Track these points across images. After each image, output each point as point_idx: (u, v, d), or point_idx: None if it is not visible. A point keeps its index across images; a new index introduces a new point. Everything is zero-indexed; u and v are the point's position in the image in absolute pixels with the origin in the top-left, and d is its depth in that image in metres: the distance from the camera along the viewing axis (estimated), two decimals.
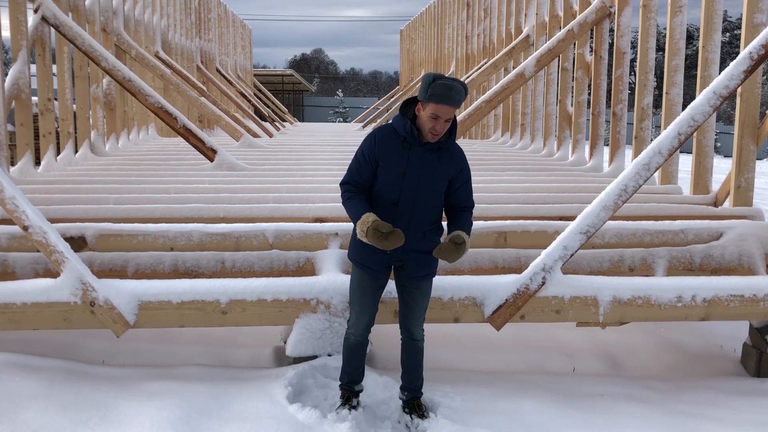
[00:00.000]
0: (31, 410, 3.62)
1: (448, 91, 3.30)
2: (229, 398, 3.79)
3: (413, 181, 3.48)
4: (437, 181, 3.52)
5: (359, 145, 3.62)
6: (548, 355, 4.90)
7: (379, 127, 3.62)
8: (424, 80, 3.37)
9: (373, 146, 3.52)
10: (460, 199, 3.62)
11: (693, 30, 38.62)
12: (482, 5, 15.10)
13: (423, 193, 3.51)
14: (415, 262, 3.59)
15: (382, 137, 3.53)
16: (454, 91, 3.31)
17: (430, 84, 3.32)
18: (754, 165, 6.54)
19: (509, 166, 9.22)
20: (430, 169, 3.49)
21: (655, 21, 8.14)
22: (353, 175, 3.60)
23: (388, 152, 3.49)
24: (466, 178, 3.61)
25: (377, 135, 3.55)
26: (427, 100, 3.35)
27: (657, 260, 5.03)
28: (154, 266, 4.90)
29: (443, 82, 3.32)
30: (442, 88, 3.30)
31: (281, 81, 44.19)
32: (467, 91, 3.41)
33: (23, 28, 7.80)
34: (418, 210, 3.53)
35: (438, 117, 3.35)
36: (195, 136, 8.41)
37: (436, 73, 3.39)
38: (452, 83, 3.32)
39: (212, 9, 20.17)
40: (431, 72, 3.57)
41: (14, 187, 4.22)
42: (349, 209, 3.55)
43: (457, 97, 3.34)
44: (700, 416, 3.76)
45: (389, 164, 3.49)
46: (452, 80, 3.35)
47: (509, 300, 4.11)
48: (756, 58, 4.78)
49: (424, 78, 3.38)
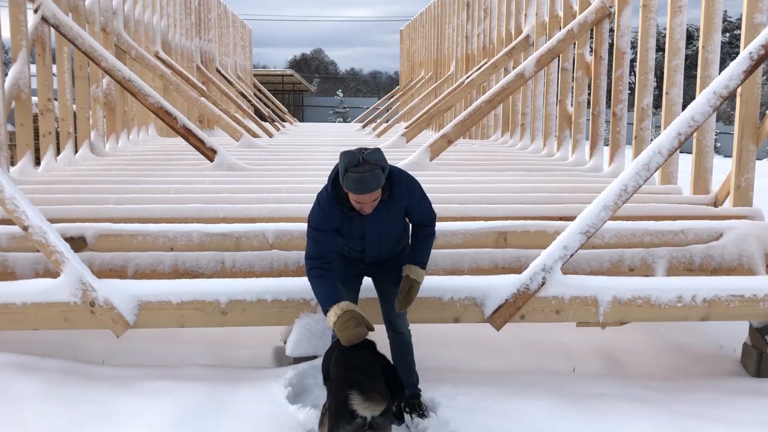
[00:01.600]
0: (31, 410, 3.63)
1: (359, 184, 3.19)
2: (229, 398, 3.79)
3: (374, 237, 3.55)
4: (395, 224, 3.59)
5: (309, 219, 3.50)
6: (548, 355, 4.90)
7: (320, 198, 3.48)
8: (339, 167, 3.23)
9: (326, 219, 3.44)
10: (419, 219, 3.64)
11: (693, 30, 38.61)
12: (482, 5, 15.10)
13: (385, 238, 3.60)
14: (392, 267, 3.71)
15: (330, 209, 3.42)
16: (368, 182, 3.19)
17: (344, 175, 3.20)
18: (754, 165, 6.54)
19: (509, 166, 9.22)
20: (385, 220, 3.51)
21: (655, 21, 8.14)
22: (319, 246, 3.46)
23: (340, 221, 3.45)
24: (418, 199, 3.56)
25: (324, 207, 3.43)
26: (345, 189, 3.26)
27: (657, 260, 5.03)
28: (154, 266, 4.90)
29: (354, 175, 3.16)
30: (353, 181, 3.18)
31: (281, 81, 44.18)
32: (386, 168, 3.26)
33: (23, 28, 7.80)
34: (385, 245, 3.64)
35: (361, 202, 3.31)
36: (195, 136, 8.40)
37: (348, 158, 3.20)
38: (364, 175, 3.16)
39: (212, 9, 20.17)
40: (347, 152, 3.23)
41: (14, 187, 4.22)
42: (318, 290, 3.44)
43: (374, 184, 3.22)
44: (701, 416, 3.76)
45: (346, 231, 3.49)
46: (365, 168, 3.17)
47: (509, 300, 4.11)
48: (756, 58, 4.78)
49: (339, 163, 3.23)
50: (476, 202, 6.31)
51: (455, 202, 6.28)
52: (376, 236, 3.56)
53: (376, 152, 3.24)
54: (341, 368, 3.21)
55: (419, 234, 3.67)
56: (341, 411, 2.89)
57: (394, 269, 3.71)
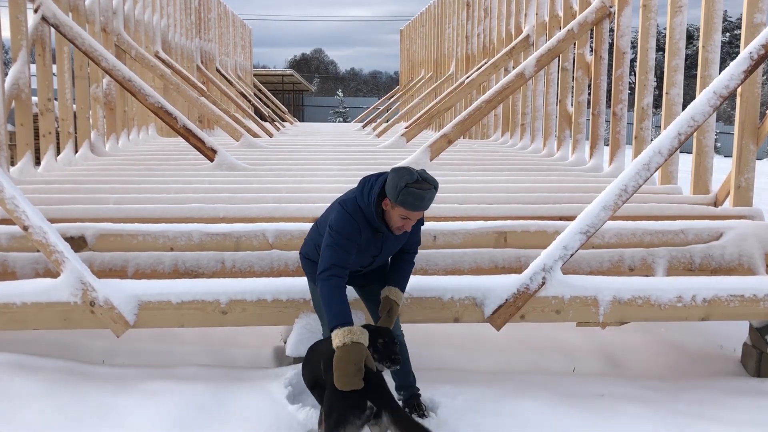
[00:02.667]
0: (31, 410, 3.63)
1: (419, 201, 3.19)
2: (229, 398, 3.80)
3: (385, 256, 3.60)
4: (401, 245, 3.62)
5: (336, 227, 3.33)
6: (548, 355, 4.90)
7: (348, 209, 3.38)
8: (395, 182, 3.18)
9: (358, 230, 3.36)
10: (410, 244, 3.66)
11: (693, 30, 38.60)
12: (482, 5, 15.10)
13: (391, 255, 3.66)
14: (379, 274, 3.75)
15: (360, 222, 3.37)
16: (426, 200, 3.21)
17: (402, 190, 3.16)
18: (754, 165, 6.54)
19: (509, 166, 9.22)
20: (399, 241, 3.55)
21: (655, 21, 8.14)
22: (344, 259, 3.32)
23: (364, 237, 3.43)
24: (418, 227, 3.60)
25: (359, 222, 3.36)
26: (398, 204, 3.22)
27: (657, 260, 5.03)
28: (154, 266, 4.90)
29: (415, 191, 3.15)
30: (413, 197, 3.16)
31: (281, 81, 44.18)
32: (437, 188, 3.27)
33: (23, 28, 7.80)
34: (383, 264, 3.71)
35: (409, 218, 3.30)
36: (195, 136, 8.41)
37: (408, 175, 3.17)
38: (424, 193, 3.17)
39: (212, 9, 20.17)
40: (402, 168, 3.19)
41: (14, 187, 4.22)
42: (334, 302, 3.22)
43: (429, 203, 3.26)
44: (700, 416, 3.76)
45: (363, 248, 3.47)
46: (424, 186, 3.18)
47: (509, 300, 4.11)
48: (756, 58, 4.78)
49: (395, 178, 3.18)
50: (476, 202, 6.31)
51: (455, 202, 6.28)
52: (387, 255, 3.60)
53: (426, 173, 3.25)
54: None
55: (404, 260, 3.67)
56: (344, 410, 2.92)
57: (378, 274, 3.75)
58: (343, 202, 3.45)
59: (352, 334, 3.10)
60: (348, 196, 3.48)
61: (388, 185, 3.25)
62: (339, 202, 3.48)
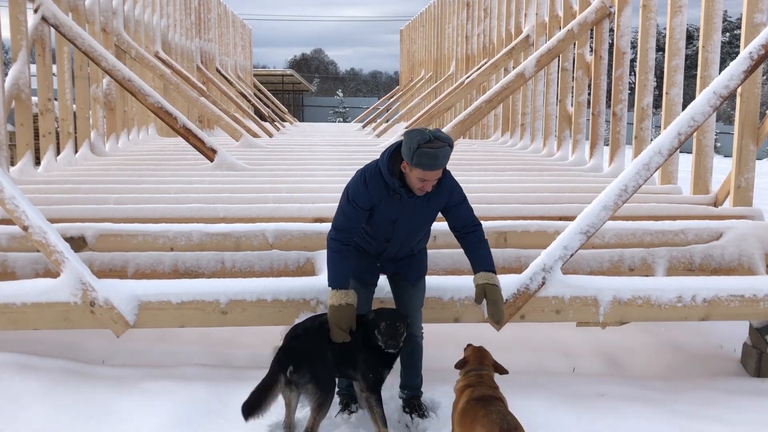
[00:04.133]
0: (31, 410, 3.63)
1: (433, 160, 3.20)
2: (229, 398, 3.79)
3: (405, 226, 3.52)
4: (428, 219, 3.57)
5: (347, 189, 3.48)
6: (548, 355, 4.90)
7: (367, 172, 3.47)
8: (408, 144, 3.22)
9: (366, 196, 3.42)
10: (464, 219, 3.57)
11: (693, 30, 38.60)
12: (482, 5, 15.11)
13: (414, 231, 3.58)
14: (408, 267, 3.70)
15: (374, 186, 3.41)
16: (440, 158, 3.21)
17: (415, 151, 3.19)
18: (754, 165, 6.54)
19: (509, 166, 9.22)
20: (421, 212, 3.50)
21: (655, 21, 8.15)
22: (348, 222, 3.46)
23: (379, 200, 3.42)
24: (459, 200, 3.53)
25: (368, 183, 3.42)
26: (413, 166, 3.24)
27: (657, 260, 5.03)
28: (154, 266, 4.89)
29: (428, 150, 3.18)
30: (427, 157, 3.19)
31: (281, 81, 44.18)
32: (452, 145, 3.29)
33: (23, 28, 7.80)
34: (409, 240, 3.62)
35: (427, 180, 3.30)
36: (195, 136, 8.41)
37: (420, 135, 3.21)
38: (437, 151, 3.19)
39: (212, 9, 20.18)
40: (414, 130, 3.26)
41: (14, 187, 4.21)
42: (332, 266, 3.46)
43: (445, 161, 3.26)
44: (700, 416, 3.76)
45: (381, 212, 3.46)
46: (437, 144, 3.21)
47: (509, 300, 4.11)
48: (756, 58, 4.78)
49: (408, 140, 3.23)
50: (476, 202, 6.25)
51: None
52: (407, 225, 3.51)
53: (439, 131, 3.27)
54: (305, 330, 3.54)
55: (472, 240, 3.58)
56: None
57: (411, 269, 3.70)
58: (365, 168, 3.50)
59: (344, 296, 3.41)
60: (369, 165, 3.51)
61: (403, 149, 3.28)
62: (360, 171, 3.52)
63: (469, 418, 3.07)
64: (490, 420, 2.94)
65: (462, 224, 3.58)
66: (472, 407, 3.09)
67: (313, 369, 3.34)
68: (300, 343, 3.42)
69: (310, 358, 3.35)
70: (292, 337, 3.48)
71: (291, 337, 3.48)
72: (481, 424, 2.96)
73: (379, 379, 3.51)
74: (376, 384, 3.50)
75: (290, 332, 3.56)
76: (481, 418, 2.99)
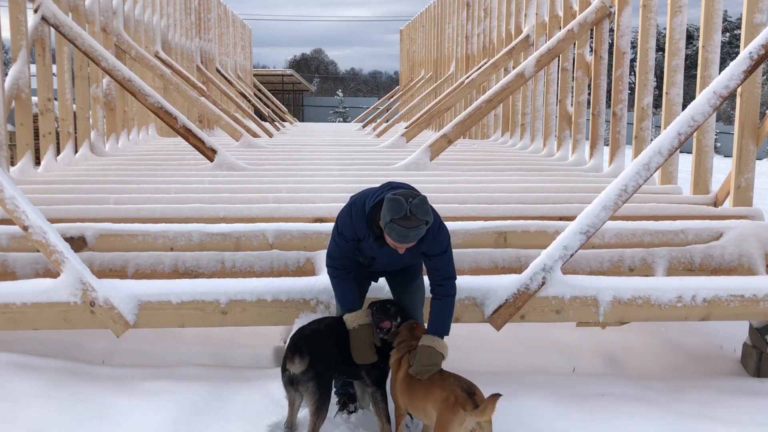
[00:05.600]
0: (31, 410, 3.63)
1: (402, 238, 3.18)
2: (229, 398, 3.80)
3: (383, 262, 3.59)
4: (411, 259, 3.57)
5: (337, 219, 3.52)
6: (548, 355, 4.90)
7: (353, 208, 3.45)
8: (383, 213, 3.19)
9: (352, 229, 3.44)
10: (437, 271, 3.52)
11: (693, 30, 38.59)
12: (482, 5, 15.10)
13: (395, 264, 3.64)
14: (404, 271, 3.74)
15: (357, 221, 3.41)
16: (411, 237, 3.19)
17: (387, 224, 3.17)
18: (754, 165, 6.54)
19: (509, 166, 9.22)
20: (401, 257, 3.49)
21: (655, 21, 8.14)
22: (340, 251, 3.51)
23: (363, 236, 3.44)
24: (440, 251, 3.47)
25: (354, 217, 3.42)
26: (386, 234, 3.24)
27: (657, 260, 5.03)
28: (154, 266, 4.89)
29: (399, 228, 3.14)
30: (396, 234, 3.16)
31: (281, 81, 44.18)
32: (432, 221, 3.23)
33: (23, 28, 7.80)
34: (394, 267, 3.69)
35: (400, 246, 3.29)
36: (195, 136, 8.41)
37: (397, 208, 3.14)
38: (408, 231, 3.14)
39: (212, 9, 20.17)
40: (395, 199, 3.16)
41: (14, 187, 4.21)
42: (337, 291, 3.61)
43: (415, 239, 3.22)
44: (700, 416, 3.76)
45: (362, 247, 3.50)
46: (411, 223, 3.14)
47: (509, 300, 4.11)
48: (756, 58, 4.78)
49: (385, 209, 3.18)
50: (476, 202, 6.31)
51: (455, 202, 6.28)
52: (386, 262, 3.58)
53: (423, 204, 3.17)
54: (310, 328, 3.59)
55: (439, 294, 3.53)
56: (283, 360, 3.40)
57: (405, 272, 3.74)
58: (354, 202, 3.49)
59: (356, 318, 3.50)
60: (360, 198, 3.49)
61: (382, 212, 3.24)
62: (351, 200, 3.53)
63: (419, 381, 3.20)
64: (448, 383, 3.08)
65: (435, 274, 3.54)
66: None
67: (317, 369, 3.35)
68: (308, 341, 3.44)
69: (315, 357, 3.37)
70: (301, 336, 3.50)
71: (299, 337, 3.51)
72: (439, 387, 3.08)
73: (384, 373, 3.55)
74: (381, 379, 3.55)
75: (298, 331, 3.58)
76: (439, 381, 3.12)
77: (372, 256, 3.54)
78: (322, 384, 3.37)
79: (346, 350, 3.50)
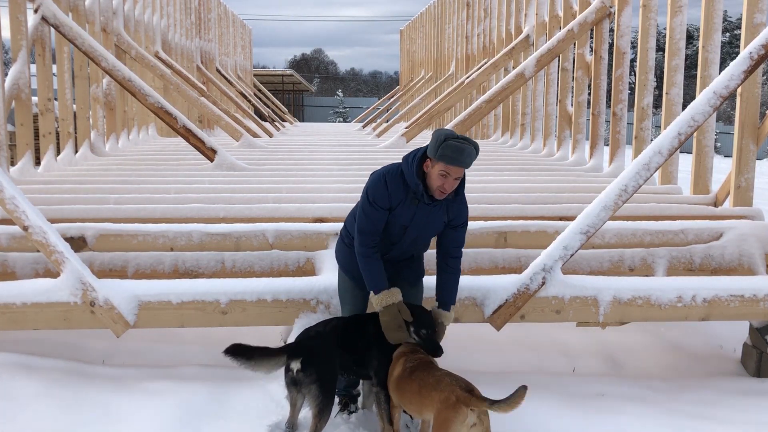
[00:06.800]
0: (31, 410, 3.63)
1: (458, 154, 3.22)
2: (229, 398, 3.80)
3: (414, 232, 3.53)
4: (436, 228, 3.57)
5: (367, 191, 3.47)
6: (548, 355, 4.90)
7: (388, 174, 3.47)
8: (435, 137, 3.28)
9: (386, 196, 3.42)
10: (456, 242, 3.57)
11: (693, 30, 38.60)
12: (482, 5, 15.10)
13: (421, 238, 3.61)
14: (407, 269, 3.72)
15: (394, 188, 3.42)
16: (466, 154, 3.23)
17: (441, 143, 3.23)
18: (754, 165, 6.54)
19: (509, 166, 9.22)
20: (432, 221, 3.50)
21: (655, 21, 8.15)
22: (371, 224, 3.45)
23: (398, 202, 3.43)
24: (462, 221, 3.54)
25: (389, 184, 3.43)
26: (437, 159, 3.26)
27: (657, 260, 5.03)
28: (154, 266, 4.90)
29: (455, 144, 3.21)
30: (453, 150, 3.21)
31: (281, 81, 44.17)
32: (479, 150, 3.31)
33: (23, 28, 7.80)
34: (413, 248, 3.65)
35: (448, 174, 3.29)
36: (195, 136, 8.41)
37: (447, 131, 3.29)
38: (464, 146, 3.22)
39: (212, 9, 20.17)
40: (443, 129, 3.34)
41: (14, 187, 4.22)
42: (367, 272, 3.48)
43: (469, 160, 3.26)
44: (700, 416, 3.76)
45: (396, 215, 3.46)
46: (464, 141, 3.24)
47: (509, 300, 4.11)
48: (756, 58, 4.78)
49: (436, 135, 3.29)
50: (476, 202, 6.30)
51: None
52: (417, 232, 3.53)
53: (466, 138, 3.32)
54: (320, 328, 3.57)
55: (450, 266, 3.59)
56: None
57: (410, 270, 3.73)
58: (388, 170, 3.49)
59: (388, 296, 3.42)
60: (391, 167, 3.51)
61: (430, 144, 3.30)
62: (383, 170, 3.51)
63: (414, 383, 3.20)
64: (446, 383, 3.07)
65: (454, 245, 3.57)
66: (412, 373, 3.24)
67: (320, 371, 3.34)
68: (312, 343, 3.44)
69: (319, 359, 3.36)
70: (306, 338, 3.50)
71: (304, 337, 3.50)
72: (437, 390, 3.07)
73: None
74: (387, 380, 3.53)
75: (303, 333, 3.57)
76: (435, 383, 3.10)
77: (404, 225, 3.47)
78: (326, 386, 3.35)
79: (355, 351, 3.47)
